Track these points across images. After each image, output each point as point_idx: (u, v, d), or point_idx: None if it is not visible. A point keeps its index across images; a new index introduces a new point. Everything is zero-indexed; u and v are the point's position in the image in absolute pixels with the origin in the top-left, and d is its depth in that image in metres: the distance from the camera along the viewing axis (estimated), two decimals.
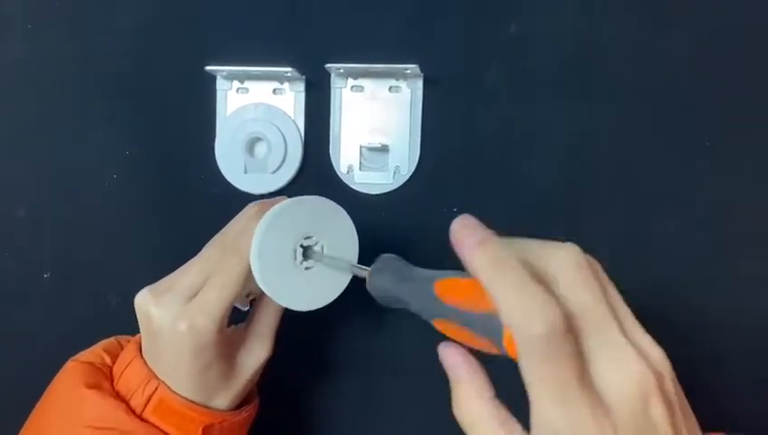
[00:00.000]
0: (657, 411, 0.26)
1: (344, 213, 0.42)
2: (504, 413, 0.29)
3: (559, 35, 0.49)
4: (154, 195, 0.53)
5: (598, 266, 0.29)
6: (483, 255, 0.28)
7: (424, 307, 0.32)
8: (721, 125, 0.48)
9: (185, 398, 0.39)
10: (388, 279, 0.35)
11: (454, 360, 0.31)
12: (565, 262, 0.28)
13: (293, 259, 0.40)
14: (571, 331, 0.26)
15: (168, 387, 0.39)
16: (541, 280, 0.27)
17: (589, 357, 0.27)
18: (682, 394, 0.28)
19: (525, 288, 0.26)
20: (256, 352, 0.42)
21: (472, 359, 0.31)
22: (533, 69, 0.50)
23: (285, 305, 0.41)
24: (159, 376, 0.40)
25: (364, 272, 0.37)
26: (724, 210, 0.48)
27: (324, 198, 0.42)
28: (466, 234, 0.30)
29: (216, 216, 0.52)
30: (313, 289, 0.41)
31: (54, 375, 0.43)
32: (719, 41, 0.48)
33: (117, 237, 0.53)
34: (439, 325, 0.31)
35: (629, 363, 0.26)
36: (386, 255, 0.37)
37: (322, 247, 0.41)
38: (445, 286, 0.31)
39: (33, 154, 0.54)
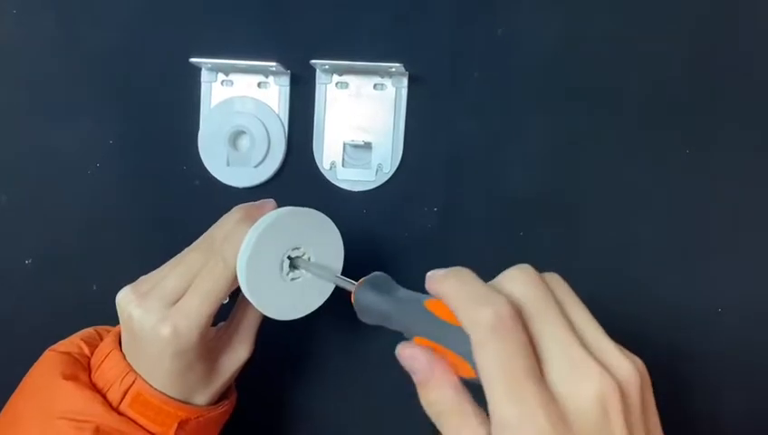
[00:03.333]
0: (618, 425, 0.26)
1: (332, 225, 0.42)
2: (470, 401, 0.29)
3: (544, 40, 0.49)
4: (136, 185, 0.53)
5: (558, 280, 0.31)
6: (447, 276, 0.30)
7: (410, 322, 0.33)
8: (702, 133, 0.48)
9: (162, 393, 0.40)
10: (374, 294, 0.35)
11: (411, 351, 0.31)
12: (516, 272, 0.30)
13: (280, 270, 0.40)
14: (518, 318, 0.28)
15: (146, 381, 0.39)
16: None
17: (544, 358, 0.28)
18: (652, 406, 0.29)
19: (475, 286, 0.29)
20: (237, 352, 0.43)
21: (431, 351, 0.31)
22: (518, 71, 0.50)
23: (269, 315, 0.41)
24: (138, 371, 0.40)
25: (350, 285, 0.37)
26: (703, 217, 0.49)
27: (314, 211, 0.41)
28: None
29: (197, 207, 0.52)
30: (297, 299, 0.41)
31: (33, 363, 0.43)
32: (703, 47, 0.48)
33: (99, 226, 0.53)
34: (421, 343, 0.32)
35: (588, 374, 0.27)
36: (376, 272, 0.37)
37: (309, 258, 0.41)
38: (434, 304, 0.32)
39: (16, 141, 0.53)
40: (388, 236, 0.51)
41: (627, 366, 0.28)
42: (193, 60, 0.50)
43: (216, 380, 0.42)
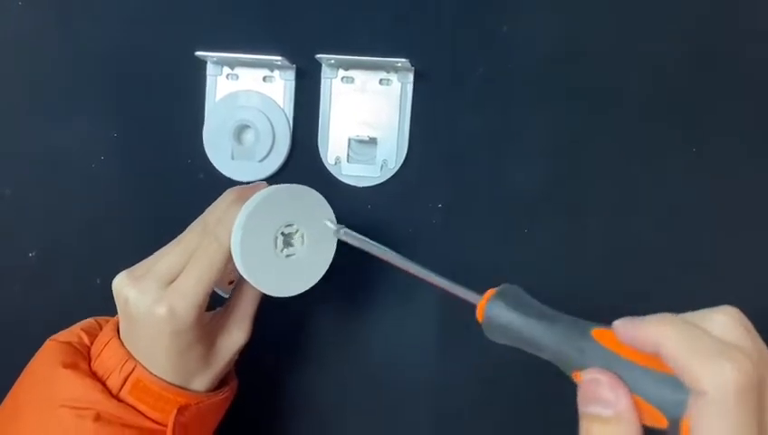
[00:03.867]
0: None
1: (324, 201, 0.42)
2: None
3: (548, 38, 0.49)
4: (140, 178, 0.53)
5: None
6: (660, 322, 0.27)
7: (574, 353, 0.28)
8: (702, 132, 0.48)
9: (161, 379, 0.40)
10: (517, 314, 0.31)
11: (599, 378, 0.27)
12: (729, 320, 0.27)
13: (274, 247, 0.40)
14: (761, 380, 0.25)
15: (145, 368, 0.40)
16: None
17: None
18: None
19: (703, 336, 0.26)
20: (234, 335, 0.43)
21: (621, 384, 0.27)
22: (522, 68, 0.49)
23: (266, 292, 0.41)
24: (137, 357, 0.40)
25: (473, 296, 0.33)
26: (703, 216, 0.48)
27: (304, 186, 0.42)
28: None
29: (201, 201, 0.52)
30: (293, 275, 0.42)
31: (34, 354, 0.43)
32: (704, 47, 0.48)
33: (102, 219, 0.53)
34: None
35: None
36: (507, 284, 0.33)
37: (302, 235, 0.41)
38: (604, 335, 0.28)
39: (20, 134, 0.53)
40: (392, 232, 0.51)
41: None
42: (198, 53, 0.50)
43: (214, 363, 0.42)
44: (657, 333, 0.26)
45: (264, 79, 0.51)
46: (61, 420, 0.38)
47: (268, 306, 0.44)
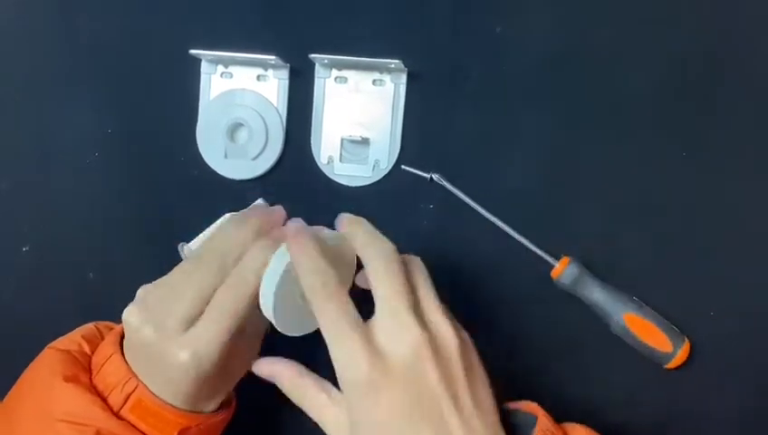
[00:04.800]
0: (430, 369, 0.34)
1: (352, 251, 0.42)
2: (317, 379, 0.39)
3: (542, 38, 0.49)
4: (134, 175, 0.53)
5: (415, 261, 0.40)
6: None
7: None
8: (700, 134, 0.49)
9: (164, 401, 0.39)
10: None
11: (265, 367, 0.40)
12: (378, 254, 0.38)
13: (300, 294, 0.39)
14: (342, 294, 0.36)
15: (147, 388, 0.39)
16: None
17: (376, 317, 0.36)
18: (477, 368, 0.37)
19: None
20: (246, 358, 0.42)
21: (283, 359, 0.40)
22: (516, 69, 0.50)
23: (289, 334, 0.41)
24: (145, 381, 0.39)
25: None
26: (699, 218, 0.49)
27: (339, 234, 0.41)
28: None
29: (194, 198, 0.52)
30: (309, 317, 0.40)
31: (29, 350, 0.43)
32: (704, 48, 0.48)
33: (96, 215, 0.53)
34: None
35: (408, 330, 0.35)
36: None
37: None
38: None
39: (15, 128, 0.53)
40: (384, 232, 0.51)
41: (446, 330, 0.36)
42: (193, 51, 0.50)
43: (224, 388, 0.42)
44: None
45: (258, 78, 0.52)
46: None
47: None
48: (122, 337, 0.42)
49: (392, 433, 0.34)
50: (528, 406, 0.40)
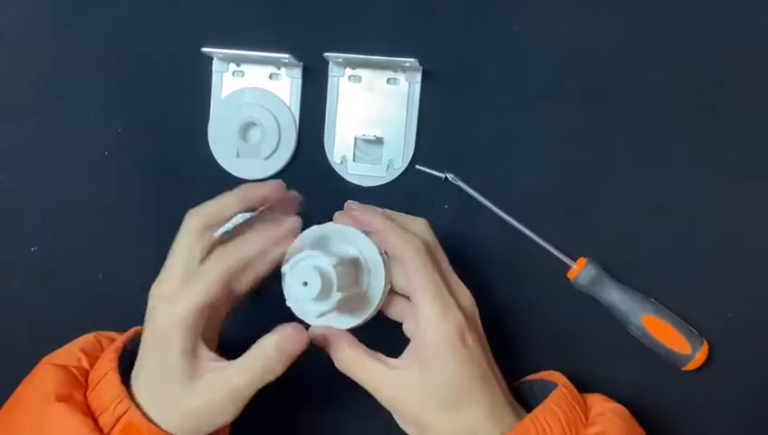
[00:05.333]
0: (472, 341, 0.39)
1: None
2: (367, 349, 0.41)
3: (558, 37, 0.49)
4: (144, 174, 0.52)
5: (437, 244, 0.43)
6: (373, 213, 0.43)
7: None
8: (715, 135, 0.48)
9: (155, 424, 0.38)
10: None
11: (322, 333, 0.41)
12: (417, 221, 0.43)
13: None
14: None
15: (139, 408, 0.38)
16: None
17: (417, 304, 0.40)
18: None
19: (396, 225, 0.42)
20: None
21: (335, 329, 0.41)
22: (531, 68, 0.49)
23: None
24: (147, 374, 0.39)
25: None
26: (714, 219, 0.48)
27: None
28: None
29: (205, 198, 0.51)
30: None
31: (37, 350, 0.42)
32: (718, 49, 0.48)
33: (105, 214, 0.53)
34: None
35: (452, 311, 0.39)
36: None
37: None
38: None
39: (24, 127, 0.53)
40: None
41: (469, 297, 0.42)
42: (205, 49, 0.49)
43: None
44: (371, 221, 0.42)
45: (271, 76, 0.51)
46: None
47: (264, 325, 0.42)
48: (121, 353, 0.41)
49: (470, 379, 0.39)
50: (551, 375, 0.43)
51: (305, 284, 0.38)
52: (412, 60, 0.47)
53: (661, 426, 0.48)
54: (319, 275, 0.38)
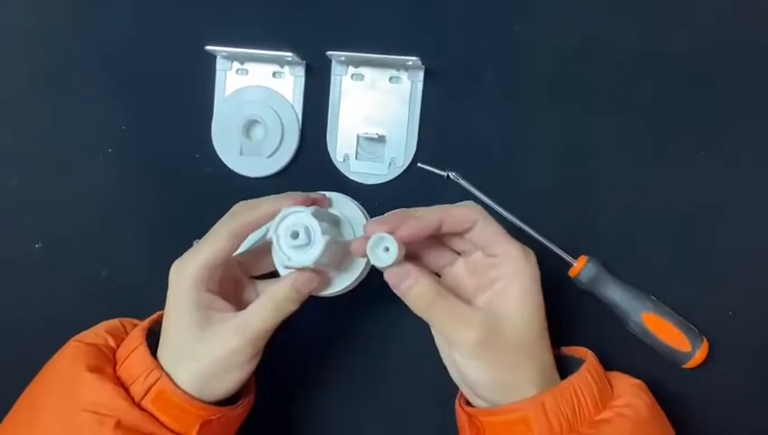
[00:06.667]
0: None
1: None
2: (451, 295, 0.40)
3: (559, 37, 0.49)
4: (148, 171, 0.53)
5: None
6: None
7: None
8: (715, 134, 0.48)
9: (185, 392, 0.39)
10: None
11: (400, 271, 0.40)
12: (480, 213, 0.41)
13: None
14: None
15: (170, 378, 0.39)
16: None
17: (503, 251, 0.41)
18: None
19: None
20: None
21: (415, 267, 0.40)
22: (532, 68, 0.50)
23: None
24: (165, 357, 0.40)
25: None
26: (714, 217, 0.48)
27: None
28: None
29: (209, 195, 0.52)
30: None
31: (42, 346, 0.43)
32: (720, 48, 0.48)
33: (109, 212, 0.53)
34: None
35: (527, 251, 0.41)
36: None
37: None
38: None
39: (28, 125, 0.53)
40: None
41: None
42: (208, 48, 0.49)
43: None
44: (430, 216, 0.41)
45: (274, 75, 0.51)
46: (81, 425, 0.37)
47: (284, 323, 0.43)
48: (148, 332, 0.42)
49: (540, 327, 0.40)
50: (579, 351, 0.43)
51: (294, 235, 0.40)
52: (414, 58, 0.47)
53: None
54: (301, 222, 0.40)
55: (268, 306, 0.41)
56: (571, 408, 0.38)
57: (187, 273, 0.41)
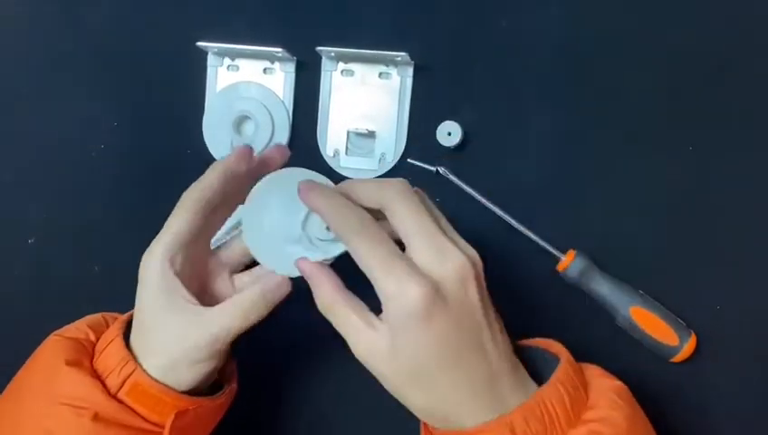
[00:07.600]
0: (474, 299, 0.36)
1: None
2: (352, 296, 0.37)
3: (547, 32, 0.50)
4: (140, 167, 0.53)
5: (424, 195, 0.39)
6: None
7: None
8: (704, 131, 0.49)
9: (160, 383, 0.39)
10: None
11: (310, 268, 0.39)
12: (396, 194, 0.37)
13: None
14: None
15: (145, 372, 0.39)
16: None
17: (414, 246, 0.36)
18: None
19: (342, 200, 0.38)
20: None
21: (326, 266, 0.39)
22: (521, 63, 0.50)
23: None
24: (146, 324, 0.41)
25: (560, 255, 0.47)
26: (703, 213, 0.49)
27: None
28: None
29: None
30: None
31: (34, 341, 0.43)
32: (711, 43, 0.48)
33: (102, 207, 0.53)
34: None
35: (450, 254, 0.35)
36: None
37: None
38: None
39: (21, 121, 0.54)
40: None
41: (473, 252, 0.37)
42: (200, 44, 0.50)
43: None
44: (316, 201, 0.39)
45: (265, 71, 0.52)
46: (60, 417, 0.38)
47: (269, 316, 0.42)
48: (128, 325, 0.42)
49: (436, 359, 0.35)
50: (552, 346, 0.41)
51: (328, 228, 0.39)
52: (404, 54, 0.47)
53: (648, 417, 0.48)
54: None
55: (234, 313, 0.40)
56: (543, 426, 0.34)
57: (153, 257, 0.41)
